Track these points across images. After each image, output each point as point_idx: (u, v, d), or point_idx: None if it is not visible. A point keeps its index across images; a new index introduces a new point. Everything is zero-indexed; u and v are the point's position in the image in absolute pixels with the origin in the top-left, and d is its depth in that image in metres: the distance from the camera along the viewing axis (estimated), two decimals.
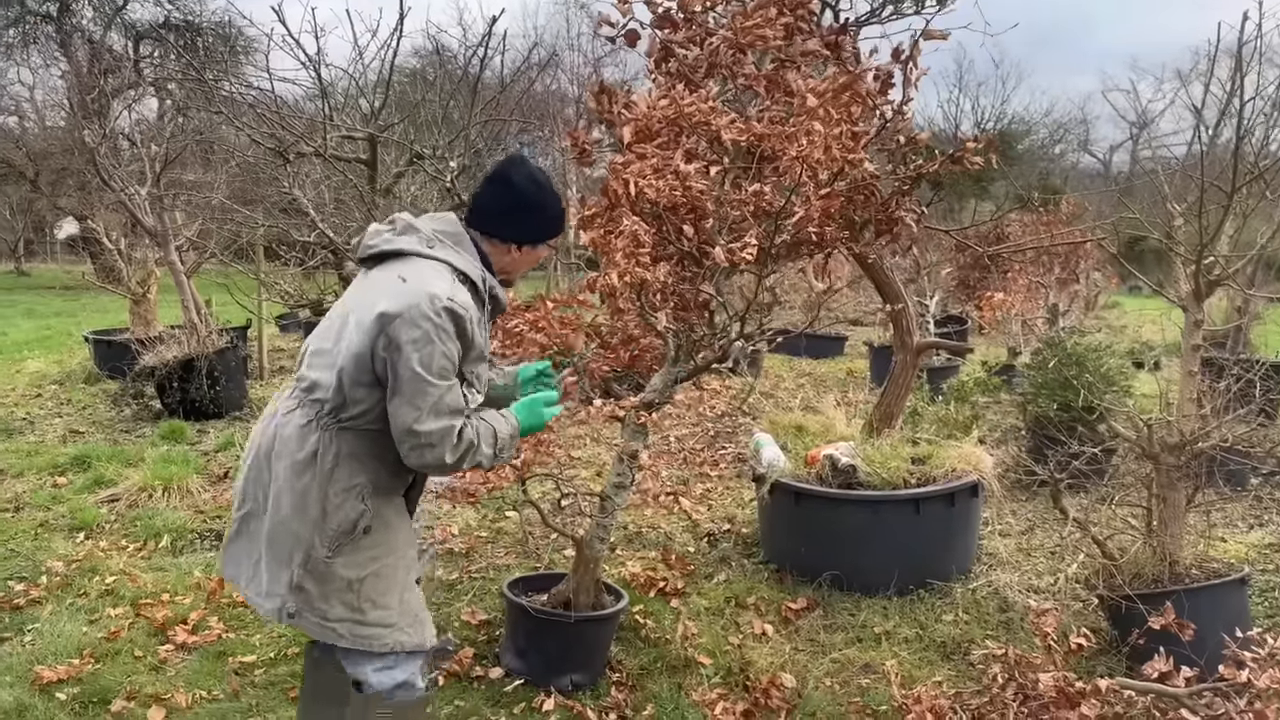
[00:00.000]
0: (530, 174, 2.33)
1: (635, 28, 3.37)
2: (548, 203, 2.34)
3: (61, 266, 26.12)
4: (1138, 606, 3.04)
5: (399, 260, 2.18)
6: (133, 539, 4.58)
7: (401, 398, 2.06)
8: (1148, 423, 3.17)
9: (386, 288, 2.10)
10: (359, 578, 2.16)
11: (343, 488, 2.13)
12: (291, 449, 2.14)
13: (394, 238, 2.21)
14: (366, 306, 2.09)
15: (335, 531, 2.12)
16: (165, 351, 7.31)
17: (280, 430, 2.17)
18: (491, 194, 2.31)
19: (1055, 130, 34.59)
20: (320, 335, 2.22)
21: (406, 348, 2.03)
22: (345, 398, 2.11)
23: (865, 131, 2.92)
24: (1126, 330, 13.44)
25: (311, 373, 2.16)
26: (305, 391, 2.17)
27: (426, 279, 2.10)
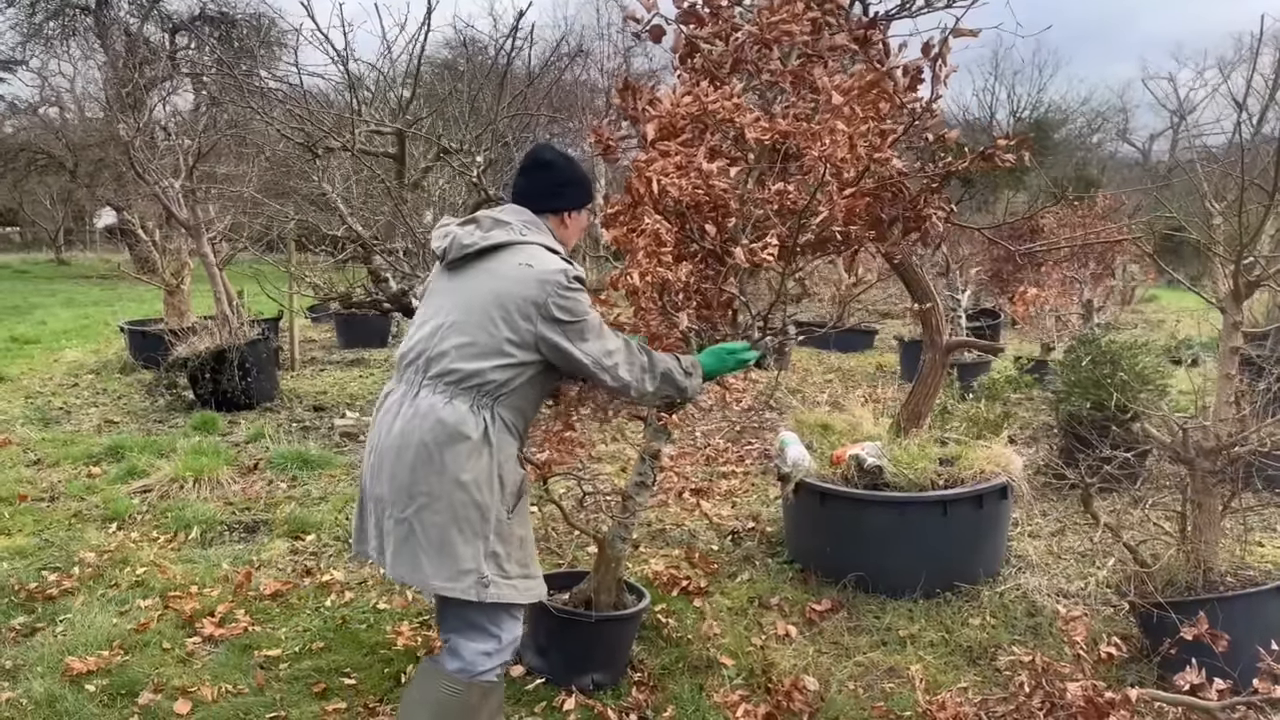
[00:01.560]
0: (557, 151, 2.72)
1: (660, 23, 3.33)
2: (579, 171, 2.72)
3: (100, 256, 26.62)
4: (1170, 615, 2.98)
5: (505, 251, 2.45)
6: (163, 530, 4.64)
7: (582, 340, 2.40)
8: (1183, 426, 3.10)
9: (517, 276, 2.39)
10: (526, 535, 2.51)
11: (507, 456, 2.42)
12: (465, 432, 2.34)
13: (485, 235, 2.47)
14: (505, 298, 2.37)
15: (512, 495, 2.43)
16: (198, 343, 7.41)
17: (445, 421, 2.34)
18: (534, 178, 2.62)
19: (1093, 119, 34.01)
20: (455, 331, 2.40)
21: (566, 315, 2.38)
22: (505, 379, 2.38)
23: (893, 129, 2.86)
24: (1164, 325, 13.19)
25: (463, 365, 2.37)
26: (454, 384, 2.37)
27: (545, 259, 2.43)
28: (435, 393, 2.37)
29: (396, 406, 2.42)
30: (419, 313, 2.57)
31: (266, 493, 5.25)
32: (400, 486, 2.37)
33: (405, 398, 2.41)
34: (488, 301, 2.39)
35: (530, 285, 2.37)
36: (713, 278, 3.17)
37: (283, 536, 4.59)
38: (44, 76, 25.72)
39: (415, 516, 2.36)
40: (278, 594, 3.90)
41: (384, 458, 2.41)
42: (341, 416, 7.10)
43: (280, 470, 5.62)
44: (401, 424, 2.38)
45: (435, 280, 2.58)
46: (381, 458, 2.42)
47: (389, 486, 2.39)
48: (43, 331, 11.94)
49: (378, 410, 2.51)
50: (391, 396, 2.47)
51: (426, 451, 2.34)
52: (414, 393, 2.40)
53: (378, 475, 2.43)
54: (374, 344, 10.74)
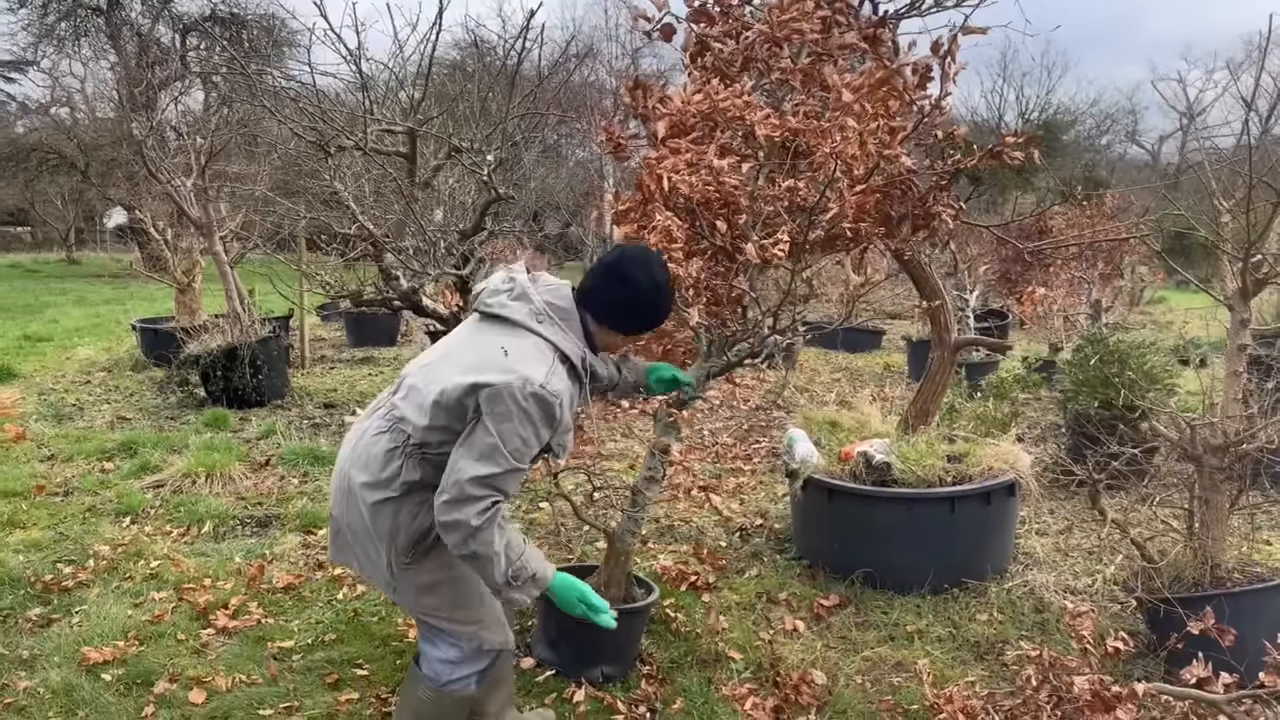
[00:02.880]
0: (653, 276, 2.37)
1: (671, 22, 3.36)
2: (663, 304, 2.42)
3: (110, 255, 26.79)
4: (1177, 610, 2.99)
5: (507, 327, 2.28)
6: (176, 524, 4.69)
7: (470, 452, 2.15)
8: (1190, 424, 3.11)
9: (487, 356, 2.21)
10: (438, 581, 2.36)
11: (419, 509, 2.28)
12: (374, 468, 2.28)
13: (508, 302, 2.31)
14: (465, 366, 2.21)
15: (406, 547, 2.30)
16: (209, 340, 7.46)
17: (370, 448, 2.30)
18: (610, 286, 2.36)
19: (1102, 120, 33.93)
20: (419, 371, 2.33)
21: (488, 420, 2.14)
22: (429, 441, 2.24)
23: (902, 127, 2.89)
24: (1173, 326, 13.16)
25: (404, 407, 2.27)
26: (395, 420, 2.28)
27: (527, 358, 2.19)
28: (382, 418, 2.33)
29: (369, 410, 2.47)
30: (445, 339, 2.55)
31: (278, 488, 5.29)
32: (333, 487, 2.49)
33: (376, 405, 2.43)
34: (454, 362, 2.25)
35: (489, 369, 2.16)
36: (723, 274, 3.19)
37: (294, 531, 4.63)
38: (55, 77, 25.90)
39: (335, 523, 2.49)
40: (290, 587, 3.94)
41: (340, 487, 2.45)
42: (352, 414, 7.14)
43: (291, 466, 5.66)
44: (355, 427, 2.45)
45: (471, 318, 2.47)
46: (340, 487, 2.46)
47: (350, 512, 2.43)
48: (55, 330, 12.02)
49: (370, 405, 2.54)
50: (378, 399, 2.48)
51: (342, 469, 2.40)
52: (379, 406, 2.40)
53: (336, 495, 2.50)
54: (383, 343, 10.79)
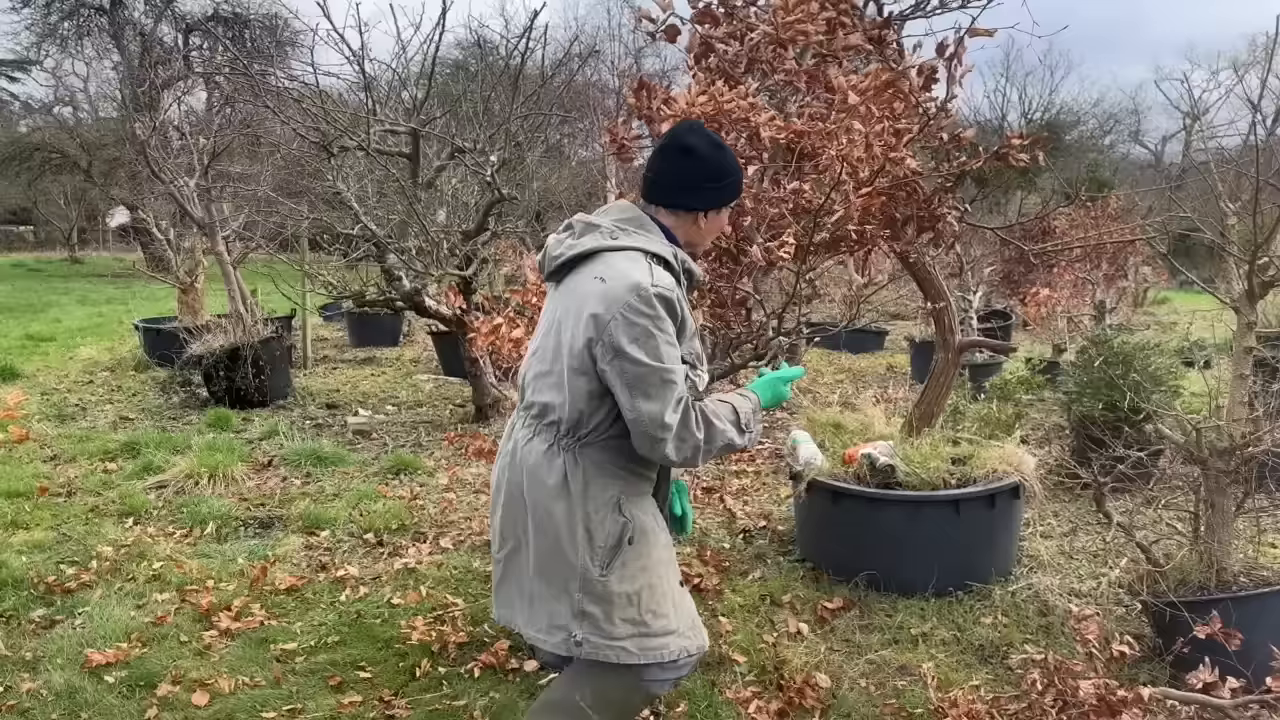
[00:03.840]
0: (710, 138, 2.20)
1: (676, 23, 3.36)
2: (730, 165, 2.22)
3: (113, 254, 26.79)
4: (1183, 614, 2.98)
5: (590, 261, 2.11)
6: (179, 525, 4.69)
7: (639, 393, 1.98)
8: (1196, 426, 3.10)
9: (588, 292, 2.04)
10: (636, 591, 2.13)
11: (600, 504, 2.10)
12: (541, 477, 2.11)
13: (576, 241, 2.14)
14: (575, 317, 2.05)
15: (604, 549, 2.10)
16: (212, 340, 7.47)
17: (524, 461, 2.14)
18: (672, 165, 2.17)
19: (1105, 121, 33.90)
20: (538, 358, 2.18)
21: (631, 347, 1.97)
22: (580, 414, 2.07)
23: (908, 129, 2.88)
24: (1177, 327, 13.12)
25: (540, 396, 2.13)
26: (537, 417, 2.13)
27: (625, 271, 2.02)
28: (524, 426, 2.18)
29: (506, 434, 2.25)
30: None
31: (281, 489, 5.29)
32: (497, 525, 2.23)
33: (511, 428, 2.23)
34: (563, 323, 2.09)
35: (599, 310, 2.00)
36: (727, 276, 3.19)
37: (297, 532, 4.62)
38: (58, 76, 25.93)
39: (508, 560, 2.22)
40: (293, 589, 3.93)
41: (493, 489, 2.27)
42: (354, 414, 7.14)
43: (294, 467, 5.66)
44: (501, 457, 2.23)
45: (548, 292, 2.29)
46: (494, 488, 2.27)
47: (492, 522, 2.27)
48: (58, 329, 12.03)
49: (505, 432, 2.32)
50: (510, 421, 2.29)
51: (517, 493, 2.16)
52: (514, 423, 2.23)
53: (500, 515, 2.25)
54: (385, 343, 10.79)
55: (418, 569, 4.12)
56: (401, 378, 8.89)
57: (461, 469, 5.52)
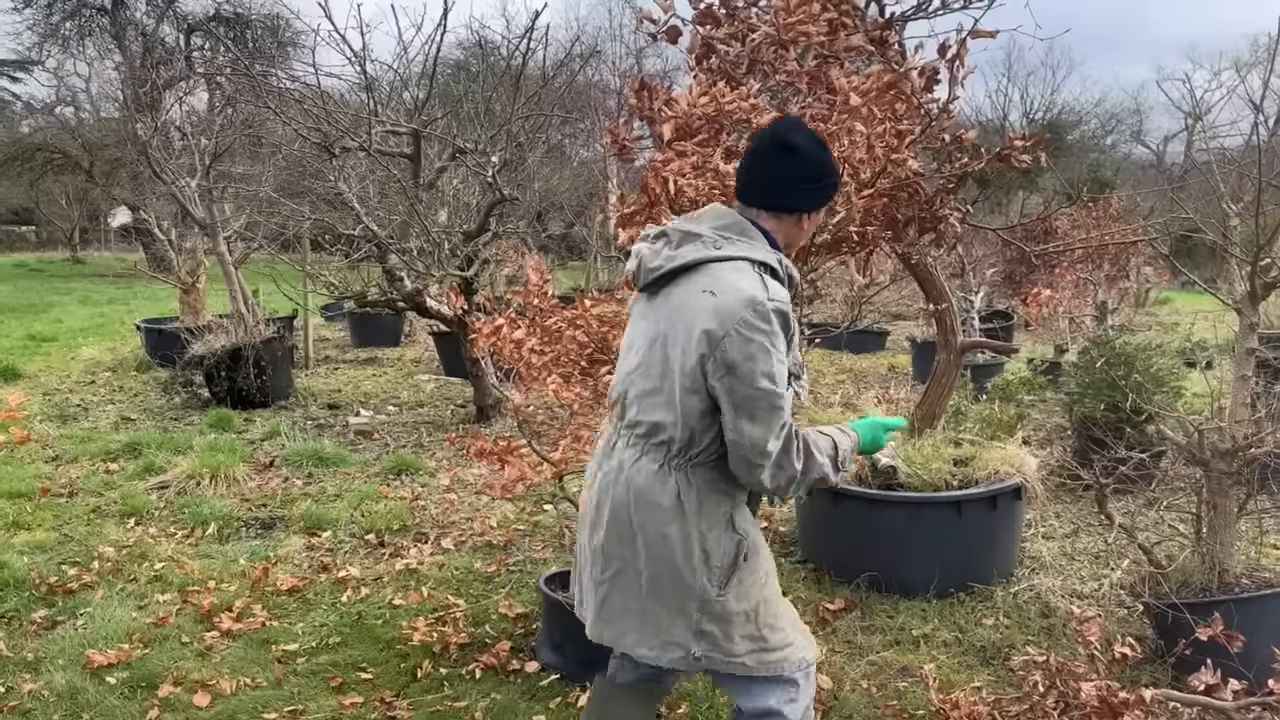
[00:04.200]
0: (812, 135, 2.11)
1: (677, 24, 3.35)
2: (832, 163, 2.15)
3: (115, 254, 26.79)
4: (1185, 616, 2.98)
5: (692, 273, 2.00)
6: (181, 526, 4.69)
7: (745, 415, 1.91)
8: (1198, 428, 3.10)
9: (699, 307, 1.94)
10: (753, 608, 2.08)
11: (714, 523, 2.04)
12: (654, 498, 2.02)
13: (675, 252, 2.03)
14: (684, 334, 1.96)
15: (721, 568, 2.04)
16: (213, 341, 7.47)
17: (632, 481, 2.04)
18: (775, 165, 2.06)
19: (1107, 120, 33.87)
20: (641, 375, 2.06)
21: (745, 365, 1.89)
22: (692, 433, 1.99)
23: (909, 130, 2.87)
24: (1179, 328, 13.11)
25: (648, 415, 2.03)
26: (644, 437, 2.04)
27: (735, 284, 1.93)
28: (628, 446, 2.07)
29: (602, 456, 2.16)
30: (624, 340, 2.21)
31: (282, 489, 5.29)
32: (598, 546, 2.11)
33: (609, 446, 2.14)
34: (669, 339, 1.99)
35: (710, 325, 1.91)
36: None
37: (299, 533, 4.62)
38: (60, 77, 25.94)
39: (613, 582, 2.11)
40: (294, 590, 3.93)
41: (588, 511, 2.17)
42: (355, 415, 7.15)
43: (296, 467, 5.66)
44: (603, 476, 2.12)
45: (635, 305, 2.18)
46: (585, 510, 2.18)
47: (589, 543, 2.15)
48: (59, 329, 12.04)
49: (598, 454, 2.21)
50: (603, 442, 2.19)
51: (623, 514, 2.05)
52: (615, 442, 2.12)
53: (583, 528, 2.19)
54: (387, 343, 10.79)
55: (419, 570, 4.12)
56: (403, 378, 8.89)
57: (463, 470, 5.52)
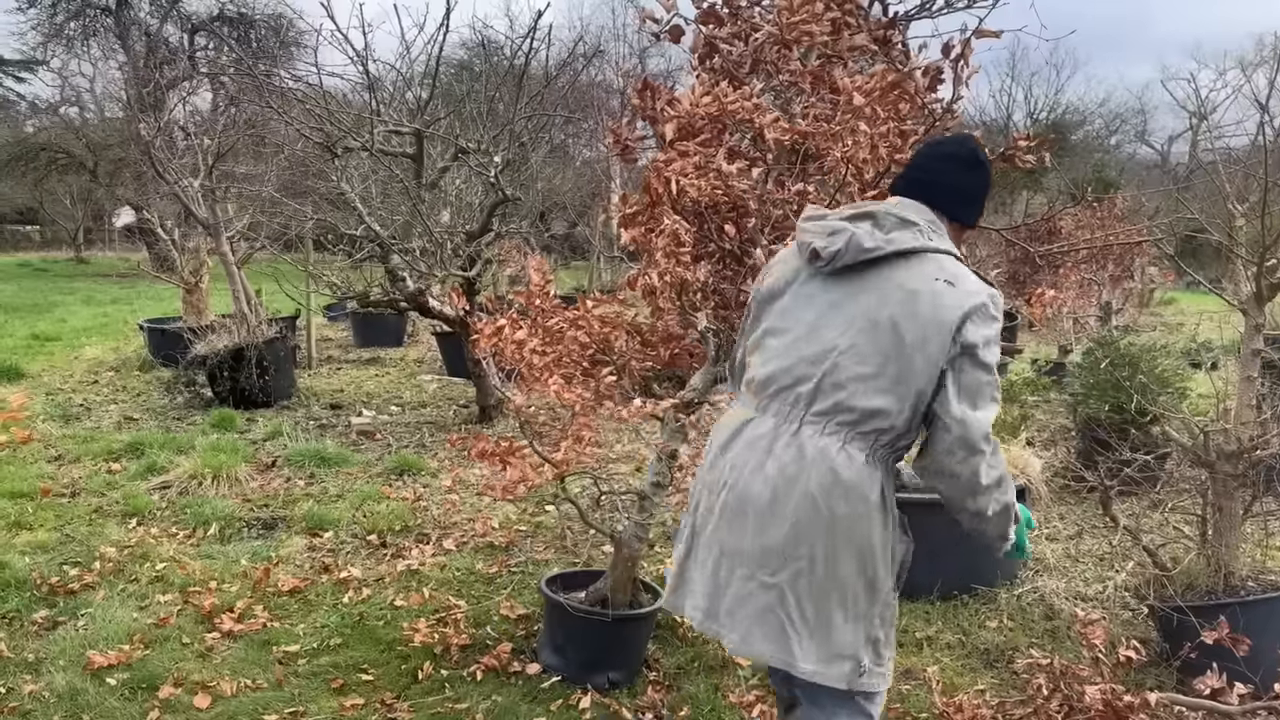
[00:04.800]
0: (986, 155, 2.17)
1: (680, 23, 3.34)
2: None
3: (119, 254, 26.84)
4: (1190, 619, 2.96)
5: (914, 260, 1.95)
6: (182, 526, 4.68)
7: (970, 401, 1.87)
8: (1204, 429, 3.08)
9: (936, 293, 1.90)
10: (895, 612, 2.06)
11: (896, 520, 1.99)
12: (864, 492, 1.90)
13: (889, 236, 1.96)
14: (924, 319, 1.89)
15: (899, 571, 2.02)
16: (216, 341, 7.46)
17: (839, 473, 1.90)
18: (963, 177, 2.08)
19: (1111, 120, 33.81)
20: (852, 358, 1.93)
21: (983, 352, 1.88)
22: (909, 422, 1.91)
23: (913, 130, 2.86)
24: (1183, 328, 13.08)
25: (863, 401, 1.90)
26: (851, 424, 1.91)
27: (966, 275, 1.96)
28: (825, 434, 1.92)
29: (767, 442, 1.96)
30: (771, 324, 2.06)
31: (284, 490, 5.29)
32: (772, 544, 1.92)
33: (780, 433, 1.95)
34: (900, 323, 1.90)
35: (952, 308, 1.88)
36: (731, 277, 3.17)
37: (300, 533, 4.62)
38: (64, 76, 25.99)
39: (790, 584, 1.91)
40: (296, 590, 3.92)
41: (748, 503, 1.94)
42: (358, 415, 7.14)
43: (298, 467, 5.65)
44: (778, 466, 1.93)
45: (799, 285, 2.03)
46: (744, 502, 1.95)
47: (753, 539, 1.94)
48: (63, 329, 12.05)
49: (728, 440, 2.03)
50: (754, 428, 1.99)
51: (814, 507, 1.89)
52: (792, 428, 1.94)
53: (735, 522, 1.97)
54: (390, 343, 10.79)
55: (420, 570, 4.11)
56: (405, 378, 8.89)
57: (464, 470, 5.51)
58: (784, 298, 2.05)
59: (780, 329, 2.03)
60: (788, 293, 2.05)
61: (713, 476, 2.04)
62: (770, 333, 2.04)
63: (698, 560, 2.04)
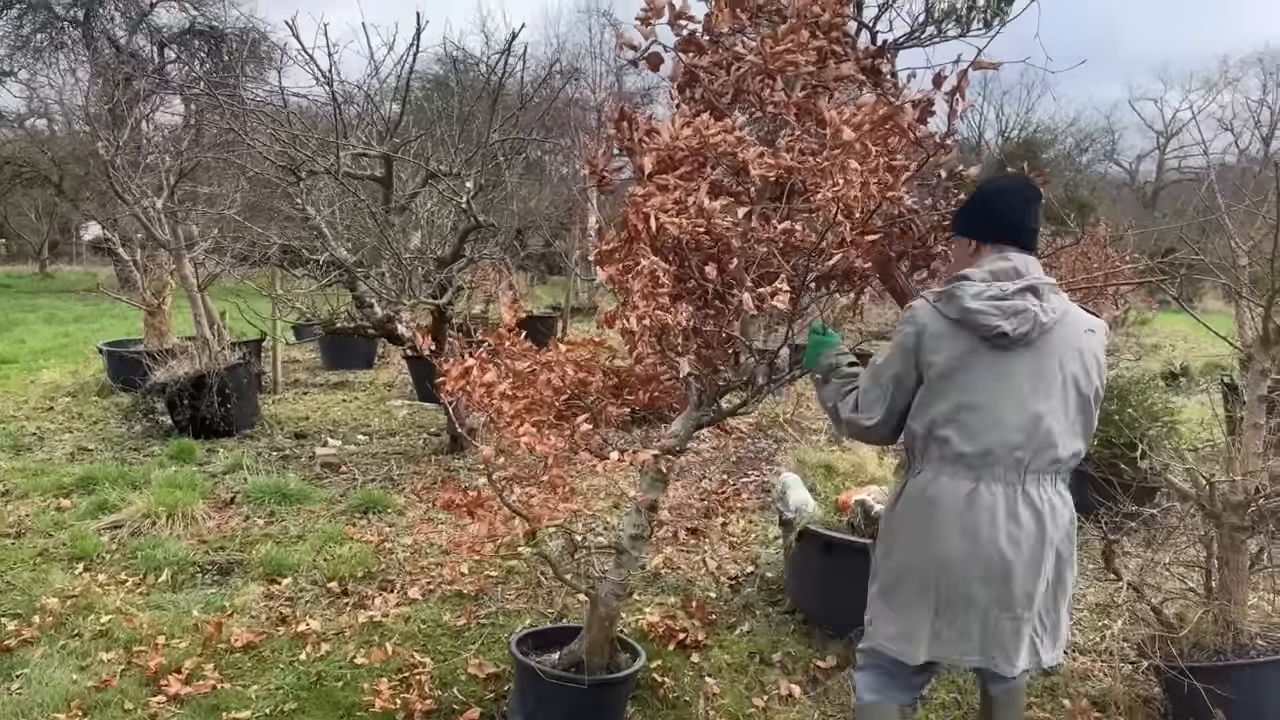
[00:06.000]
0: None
1: (659, 50, 3.17)
2: None
3: (86, 269, 26.29)
4: (1197, 681, 2.80)
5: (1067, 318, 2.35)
6: (132, 572, 4.42)
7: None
8: (1210, 480, 2.93)
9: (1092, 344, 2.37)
10: None
11: None
12: (1070, 515, 2.38)
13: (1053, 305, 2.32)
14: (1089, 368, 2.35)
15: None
16: (176, 367, 7.17)
17: (1066, 513, 2.36)
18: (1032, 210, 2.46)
19: (1081, 139, 34.20)
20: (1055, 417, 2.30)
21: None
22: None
23: (905, 165, 2.70)
24: (1159, 350, 13.09)
25: (1069, 447, 2.33)
26: (1062, 470, 2.35)
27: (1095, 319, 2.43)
28: (1046, 484, 2.33)
29: (1003, 509, 2.28)
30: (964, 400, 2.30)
31: (243, 529, 5.02)
32: (1033, 590, 2.32)
33: (1010, 496, 2.29)
34: (1079, 378, 2.34)
35: (1100, 349, 2.39)
36: (714, 317, 3.00)
37: (258, 579, 4.36)
38: (32, 89, 25.47)
39: (1042, 609, 2.37)
40: (250, 646, 3.68)
41: (1010, 566, 2.28)
42: (323, 445, 6.88)
43: (258, 504, 5.39)
44: (1021, 529, 2.29)
45: (979, 357, 2.30)
46: (1009, 567, 2.28)
47: (1019, 589, 2.30)
48: (21, 350, 11.67)
49: (961, 510, 2.30)
50: (982, 496, 2.29)
51: (1061, 545, 2.35)
52: (1020, 490, 2.30)
53: (1000, 582, 2.30)
54: (359, 366, 10.51)
55: (384, 623, 3.88)
56: (374, 403, 8.62)
57: (434, 514, 5.26)
58: (966, 372, 2.31)
59: (977, 404, 2.29)
60: (966, 367, 2.31)
61: (948, 547, 2.30)
62: (966, 408, 2.30)
63: (972, 615, 2.33)
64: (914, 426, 2.38)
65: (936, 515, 2.32)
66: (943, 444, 2.31)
